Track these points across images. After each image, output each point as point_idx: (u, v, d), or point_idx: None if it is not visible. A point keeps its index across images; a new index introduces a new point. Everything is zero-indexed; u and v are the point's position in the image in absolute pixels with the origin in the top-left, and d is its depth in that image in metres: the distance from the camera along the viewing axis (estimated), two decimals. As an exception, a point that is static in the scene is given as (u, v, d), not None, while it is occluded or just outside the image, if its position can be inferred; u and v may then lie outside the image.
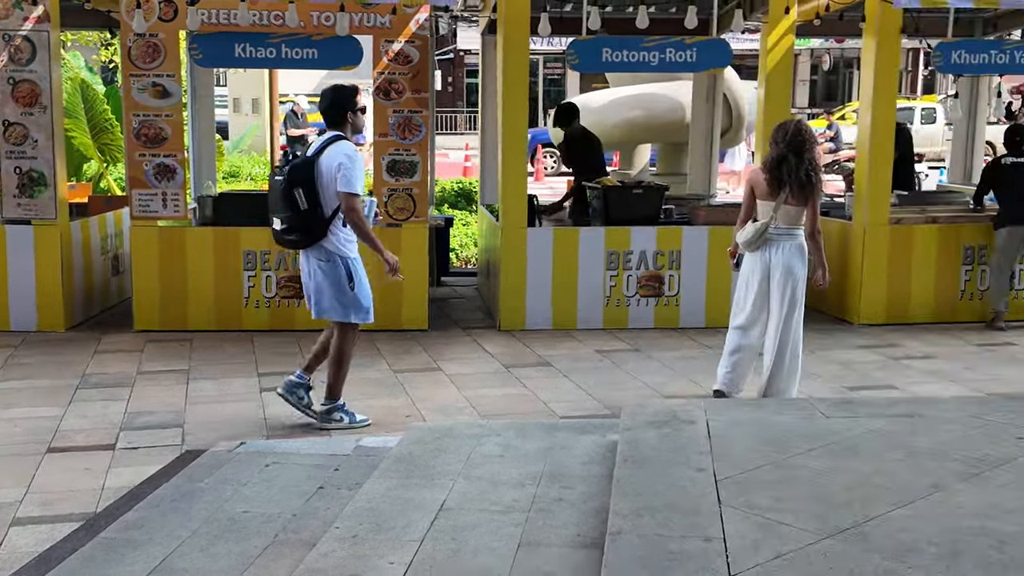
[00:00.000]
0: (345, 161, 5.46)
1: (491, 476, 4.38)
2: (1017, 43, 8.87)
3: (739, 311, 6.06)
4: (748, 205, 5.97)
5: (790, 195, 5.77)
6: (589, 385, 6.61)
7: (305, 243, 5.61)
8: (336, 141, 5.57)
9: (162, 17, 7.82)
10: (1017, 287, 8.61)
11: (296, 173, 5.48)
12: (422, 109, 8.05)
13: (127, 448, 5.40)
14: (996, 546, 3.23)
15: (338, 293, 5.64)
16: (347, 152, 5.50)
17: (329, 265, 5.63)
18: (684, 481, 3.85)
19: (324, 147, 5.55)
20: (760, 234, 5.84)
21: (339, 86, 5.78)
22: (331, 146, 5.54)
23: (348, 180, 5.45)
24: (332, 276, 5.63)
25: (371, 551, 3.61)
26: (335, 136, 5.61)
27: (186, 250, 8.06)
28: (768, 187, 5.82)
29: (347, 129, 5.68)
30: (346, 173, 5.45)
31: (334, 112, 5.66)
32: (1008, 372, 7.04)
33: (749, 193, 5.96)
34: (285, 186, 5.48)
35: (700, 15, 8.04)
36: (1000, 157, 8.57)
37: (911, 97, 33.37)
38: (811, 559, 3.15)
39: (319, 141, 5.63)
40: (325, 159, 5.51)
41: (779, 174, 5.76)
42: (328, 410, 5.80)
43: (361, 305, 5.70)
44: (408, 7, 7.79)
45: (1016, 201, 8.26)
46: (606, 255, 8.16)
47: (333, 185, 5.48)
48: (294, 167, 5.52)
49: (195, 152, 9.80)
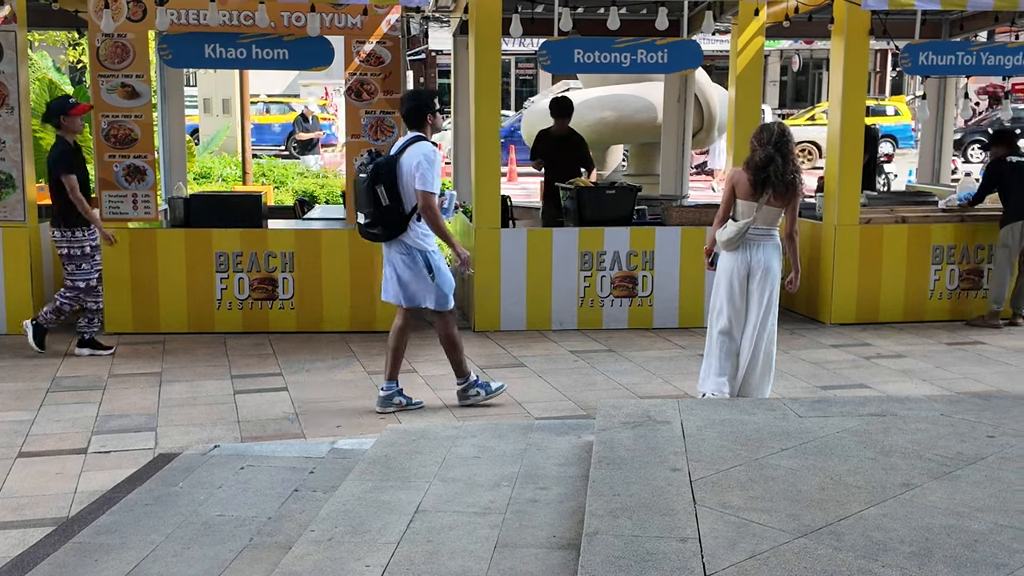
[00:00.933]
0: (423, 161, 5.80)
1: (467, 478, 4.38)
2: (983, 44, 8.96)
3: (719, 314, 6.02)
4: (728, 204, 5.98)
5: (772, 196, 5.82)
6: (564, 386, 6.62)
7: (386, 237, 5.96)
8: (416, 142, 5.91)
9: (131, 17, 7.76)
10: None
11: (379, 172, 5.82)
12: (394, 110, 8.03)
13: (99, 452, 5.36)
14: (968, 544, 3.27)
15: (419, 283, 6.00)
16: (426, 152, 5.83)
17: (408, 258, 5.97)
18: (659, 481, 3.87)
19: (405, 147, 5.90)
20: (742, 233, 5.86)
21: (419, 90, 6.29)
22: (411, 146, 5.88)
23: (425, 179, 5.80)
24: (413, 268, 5.98)
25: (347, 554, 3.60)
26: (416, 137, 5.95)
27: (157, 252, 8.00)
28: (751, 187, 5.84)
29: (427, 130, 6.00)
30: (424, 172, 5.79)
31: (415, 114, 5.98)
32: (978, 371, 7.12)
33: (730, 192, 5.95)
34: (368, 184, 5.82)
35: (671, 17, 8.09)
36: (1002, 157, 8.64)
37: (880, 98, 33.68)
38: (786, 558, 3.18)
39: (401, 141, 6.00)
40: (405, 159, 5.85)
41: (765, 175, 5.79)
42: (464, 388, 6.21)
43: (443, 293, 6.06)
44: (379, 8, 7.77)
45: (1020, 197, 8.34)
46: (580, 256, 8.19)
47: (412, 183, 5.82)
48: (377, 166, 5.85)
49: (165, 153, 9.73)
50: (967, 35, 10.27)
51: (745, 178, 5.88)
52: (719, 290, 6.04)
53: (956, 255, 8.67)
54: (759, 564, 3.13)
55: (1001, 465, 4.06)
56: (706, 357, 6.11)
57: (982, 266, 8.70)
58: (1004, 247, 8.35)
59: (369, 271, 8.08)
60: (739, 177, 5.93)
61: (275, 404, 6.25)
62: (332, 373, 7.00)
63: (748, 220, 5.87)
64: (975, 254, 8.71)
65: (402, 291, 6.05)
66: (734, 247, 5.92)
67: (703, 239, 8.23)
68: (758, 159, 5.82)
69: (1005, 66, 8.57)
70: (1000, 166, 8.57)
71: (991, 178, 8.68)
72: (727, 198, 5.98)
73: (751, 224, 5.86)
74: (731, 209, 5.97)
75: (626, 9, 9.24)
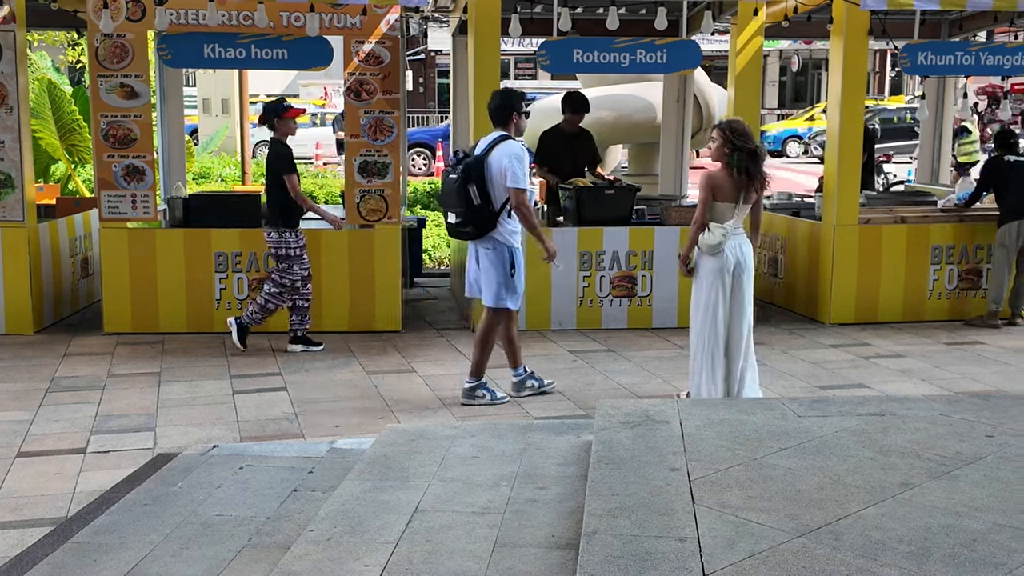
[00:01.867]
0: (513, 159, 5.94)
1: (466, 477, 4.38)
2: (982, 44, 8.97)
3: (711, 316, 5.90)
4: (706, 208, 5.85)
5: (748, 195, 5.82)
6: (563, 386, 6.62)
7: (477, 235, 6.09)
8: (503, 141, 6.04)
9: (130, 17, 7.76)
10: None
11: (469, 172, 5.96)
12: (393, 110, 8.04)
13: (98, 452, 5.36)
14: (967, 544, 3.27)
15: (501, 278, 6.10)
16: (515, 151, 5.98)
17: (495, 253, 6.09)
18: (658, 481, 3.87)
19: (492, 146, 6.03)
20: (728, 236, 5.83)
21: (507, 89, 6.43)
22: (499, 145, 6.01)
23: (516, 176, 5.94)
24: (497, 263, 6.09)
25: (346, 553, 3.60)
26: (501, 136, 6.07)
27: (156, 252, 8.00)
28: (733, 189, 5.79)
29: (511, 129, 6.12)
30: (515, 170, 5.93)
31: (502, 113, 6.13)
32: (977, 370, 7.12)
33: (710, 196, 5.83)
34: (460, 183, 5.96)
35: (670, 17, 8.09)
36: (999, 156, 8.63)
37: (879, 98, 33.70)
38: (784, 558, 3.18)
39: (487, 141, 6.11)
40: (494, 158, 5.99)
41: (748, 175, 5.77)
42: (472, 387, 6.26)
43: (516, 291, 6.19)
44: (378, 8, 7.77)
45: (1019, 197, 8.33)
46: (579, 256, 8.19)
47: (502, 181, 5.96)
48: (467, 166, 5.99)
49: (164, 153, 9.73)
50: (966, 35, 10.28)
51: (726, 181, 5.81)
52: (709, 293, 5.91)
53: (955, 255, 8.68)
54: (758, 564, 3.13)
55: (1000, 465, 4.06)
56: (697, 361, 5.97)
57: (981, 266, 8.71)
58: (1002, 247, 8.35)
59: (368, 271, 8.09)
60: (719, 180, 5.82)
61: (274, 404, 6.25)
62: (331, 373, 7.00)
63: (732, 221, 5.84)
64: (974, 254, 8.72)
65: (486, 287, 6.16)
66: (718, 250, 5.85)
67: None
68: (740, 160, 5.76)
69: (1004, 66, 8.57)
70: (997, 165, 8.57)
71: (988, 177, 8.68)
72: (707, 202, 5.84)
73: (734, 225, 5.85)
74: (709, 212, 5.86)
75: (625, 9, 9.23)
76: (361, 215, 8.06)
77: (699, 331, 5.96)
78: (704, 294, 5.93)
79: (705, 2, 9.08)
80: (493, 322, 6.23)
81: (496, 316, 6.21)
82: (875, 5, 7.67)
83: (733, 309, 5.93)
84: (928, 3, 7.87)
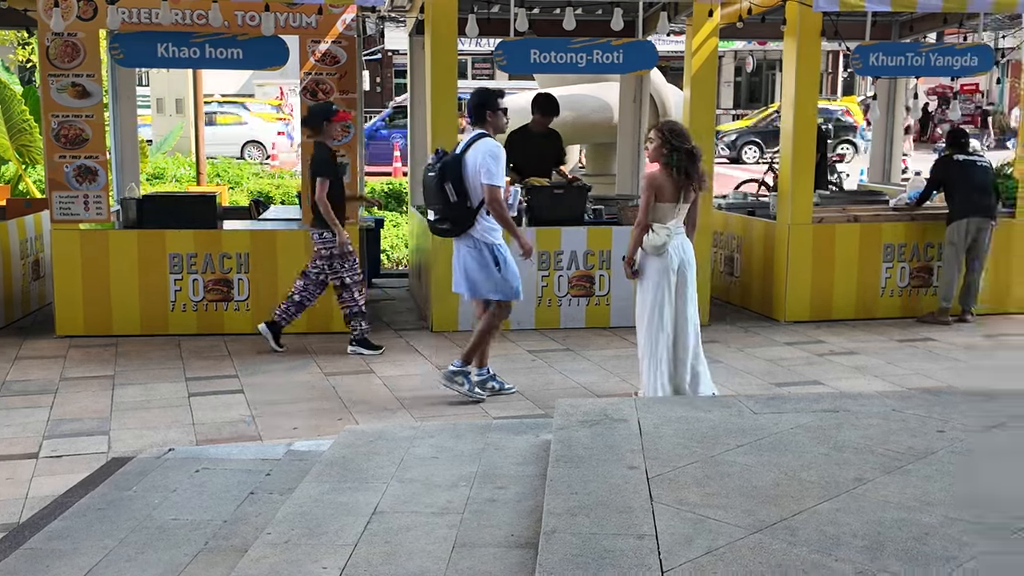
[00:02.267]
0: (488, 156, 6.03)
1: (425, 478, 4.37)
2: (933, 46, 9.12)
3: (658, 316, 5.95)
4: (648, 209, 5.91)
5: (688, 195, 5.92)
6: (522, 385, 6.63)
7: (455, 232, 6.18)
8: (480, 139, 6.13)
9: (81, 16, 7.66)
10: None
11: (445, 170, 6.06)
12: (350, 110, 8.00)
13: (51, 456, 5.28)
14: (919, 537, 3.33)
15: (487, 275, 6.18)
16: (490, 148, 6.07)
17: (476, 251, 6.17)
18: (617, 479, 3.89)
19: (469, 144, 6.12)
20: (671, 236, 5.90)
21: (485, 88, 6.53)
22: (476, 143, 6.11)
23: (491, 173, 6.02)
24: (479, 261, 6.17)
25: (304, 556, 3.58)
26: (479, 134, 6.16)
27: (109, 253, 7.90)
28: (673, 189, 5.87)
29: (489, 127, 6.20)
30: (489, 167, 6.01)
31: (478, 111, 6.20)
32: (928, 367, 7.23)
33: (652, 197, 5.89)
34: (437, 181, 6.07)
35: (626, 17, 8.13)
36: (950, 155, 8.75)
37: (832, 98, 34.10)
38: (741, 554, 3.21)
39: (465, 139, 6.21)
40: (471, 155, 6.09)
41: (688, 175, 5.85)
42: (454, 372, 6.32)
43: (510, 285, 6.24)
44: (334, 7, 7.73)
45: (968, 196, 8.45)
46: (537, 255, 8.20)
47: (478, 179, 6.04)
48: (444, 164, 6.09)
49: (117, 153, 9.60)
50: (916, 36, 10.43)
51: (667, 181, 5.86)
52: (656, 293, 5.95)
53: (907, 253, 8.81)
54: (715, 560, 3.16)
55: (951, 459, 4.13)
56: (647, 362, 6.01)
57: (931, 264, 8.85)
58: (951, 244, 8.48)
59: (325, 272, 8.03)
60: (660, 181, 5.88)
61: (231, 406, 6.20)
62: (289, 374, 6.95)
63: (674, 221, 5.92)
64: (924, 252, 8.86)
65: (468, 283, 6.25)
66: (664, 251, 5.90)
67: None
68: (679, 160, 5.83)
69: (953, 67, 8.71)
70: (947, 164, 8.69)
71: (938, 176, 8.80)
72: (649, 203, 5.89)
73: (676, 225, 5.94)
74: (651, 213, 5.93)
75: (582, 10, 9.26)
76: (318, 215, 8.00)
77: (647, 332, 6.00)
78: (651, 295, 5.97)
79: (661, 3, 9.14)
80: (497, 314, 6.32)
81: (499, 307, 6.31)
82: (827, 6, 7.76)
83: (679, 308, 5.99)
84: (879, 4, 7.97)
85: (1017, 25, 10.51)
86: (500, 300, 6.30)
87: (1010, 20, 10.46)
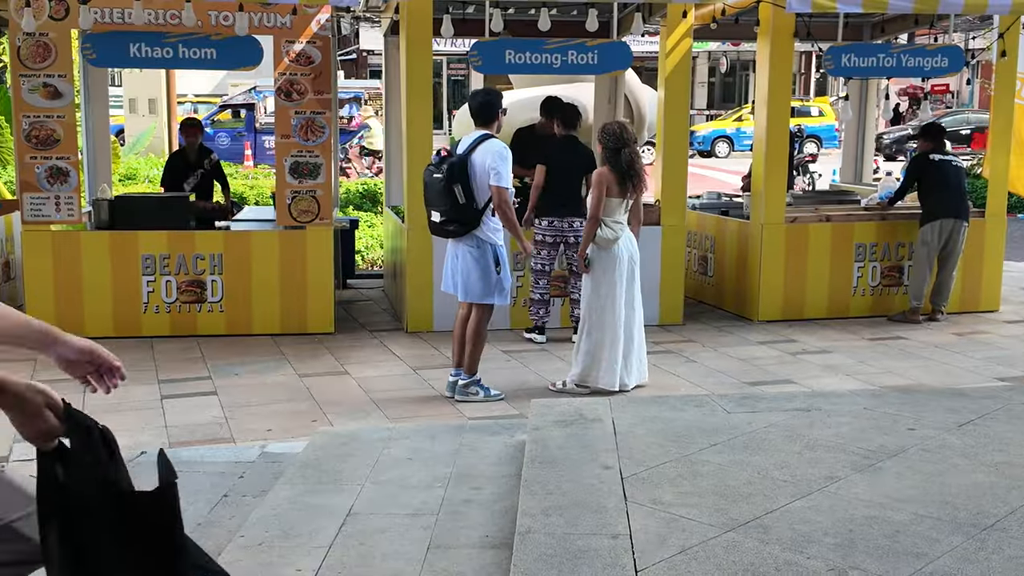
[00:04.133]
0: (497, 158, 6.03)
1: (399, 480, 4.37)
2: (904, 47, 9.19)
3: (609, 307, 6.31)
4: (601, 204, 6.28)
5: (631, 192, 6.32)
6: (497, 385, 6.63)
7: (461, 233, 6.13)
8: (486, 139, 6.11)
9: (53, 16, 7.59)
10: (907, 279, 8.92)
11: (454, 170, 6.00)
12: (325, 110, 7.98)
13: (21, 460, 5.23)
14: (890, 535, 3.36)
15: (485, 276, 6.15)
16: (498, 150, 6.06)
17: (479, 251, 6.14)
18: (591, 479, 3.90)
19: (475, 145, 6.09)
20: (621, 231, 6.32)
21: (489, 89, 6.49)
22: (482, 144, 6.08)
23: (500, 175, 6.04)
24: (482, 261, 6.14)
25: (278, 559, 3.57)
26: (484, 135, 6.14)
27: (81, 255, 7.84)
28: (620, 186, 6.27)
29: (495, 128, 6.20)
30: (499, 169, 6.02)
31: (487, 111, 6.20)
32: (899, 365, 7.29)
33: (603, 193, 6.27)
34: (445, 183, 6.01)
35: (601, 18, 8.14)
36: (925, 154, 8.79)
37: (804, 99, 34.32)
38: (714, 552, 3.23)
39: (470, 140, 6.16)
40: (477, 156, 6.06)
41: (633, 171, 6.26)
42: (466, 384, 6.30)
43: (504, 287, 6.26)
44: (309, 7, 7.70)
45: (943, 196, 8.49)
46: (512, 255, 8.19)
47: (485, 179, 6.03)
48: (452, 165, 6.02)
49: (89, 154, 9.53)
50: (888, 37, 10.50)
51: (614, 178, 6.28)
52: (608, 285, 6.33)
53: (878, 252, 8.88)
54: (688, 559, 3.18)
55: (921, 457, 4.18)
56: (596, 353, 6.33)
57: (903, 263, 8.92)
58: (924, 245, 8.54)
59: (300, 273, 8.02)
60: (609, 178, 6.29)
61: (204, 409, 6.16)
62: (263, 376, 6.92)
63: (622, 217, 6.35)
64: (896, 251, 8.93)
65: (464, 284, 6.20)
66: (615, 245, 6.31)
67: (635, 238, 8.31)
68: (625, 159, 6.26)
69: (924, 67, 8.77)
70: (922, 162, 8.74)
71: (912, 174, 8.85)
72: (601, 198, 6.28)
73: (624, 220, 6.35)
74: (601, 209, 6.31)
75: (557, 10, 9.27)
76: (293, 216, 7.98)
77: (598, 323, 6.34)
78: (603, 288, 6.34)
79: (635, 4, 9.16)
80: (482, 316, 6.28)
81: (483, 311, 6.27)
82: (800, 8, 7.80)
83: (627, 300, 6.37)
84: (851, 6, 8.02)
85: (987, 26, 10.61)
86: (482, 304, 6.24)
87: (980, 21, 10.57)
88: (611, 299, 6.30)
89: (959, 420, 4.72)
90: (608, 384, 6.30)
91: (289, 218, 7.99)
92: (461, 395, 6.30)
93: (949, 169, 8.60)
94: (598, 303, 6.34)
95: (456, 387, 6.33)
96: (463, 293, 6.24)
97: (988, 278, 9.12)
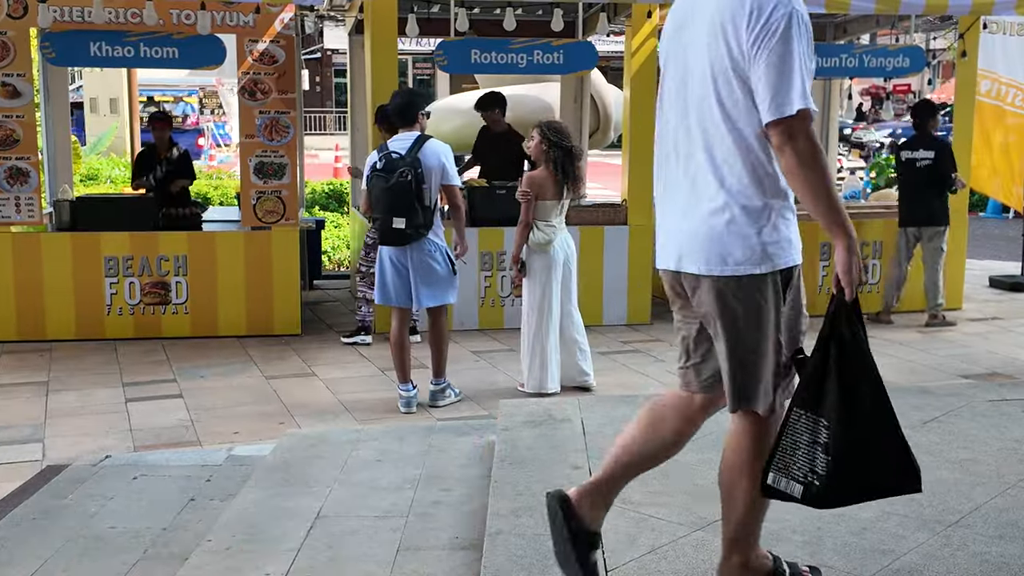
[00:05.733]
0: (445, 158, 5.92)
1: (368, 481, 4.35)
2: (866, 47, 9.28)
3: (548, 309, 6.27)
4: (531, 208, 6.20)
5: (568, 192, 6.25)
6: (466, 386, 6.61)
7: (420, 236, 5.86)
8: (427, 140, 5.94)
9: (11, 14, 7.49)
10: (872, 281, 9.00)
11: (417, 172, 5.77)
12: (289, 110, 7.93)
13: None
14: (856, 532, 3.38)
15: (449, 275, 6.01)
16: (445, 149, 5.97)
17: (437, 254, 5.97)
18: (561, 479, 3.89)
19: (419, 146, 5.86)
20: (556, 233, 6.25)
21: (411, 88, 6.43)
22: (427, 144, 5.90)
23: (453, 175, 5.97)
24: (441, 263, 5.98)
25: (246, 563, 3.53)
26: (423, 136, 5.96)
27: (42, 257, 7.73)
28: (555, 187, 6.18)
29: (418, 129, 6.02)
30: (451, 168, 5.93)
31: (409, 111, 6.00)
32: (864, 362, 7.34)
33: (534, 196, 6.18)
34: (413, 185, 5.74)
35: (566, 18, 8.17)
36: (900, 147, 8.76)
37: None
38: (684, 551, 3.24)
39: (407, 140, 5.90)
40: (427, 157, 5.84)
41: (571, 171, 6.17)
42: (443, 388, 6.22)
43: (455, 285, 6.11)
44: (272, 6, 7.65)
45: (908, 200, 8.50)
46: (480, 256, 8.19)
47: (437, 180, 5.89)
48: (412, 167, 5.76)
49: (49, 154, 9.40)
50: (850, 38, 10.61)
51: (547, 179, 6.17)
52: (545, 287, 6.26)
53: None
54: (658, 559, 3.19)
55: (887, 454, 4.20)
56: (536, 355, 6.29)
57: (866, 261, 8.99)
58: (896, 248, 8.58)
59: (266, 273, 7.96)
60: (541, 179, 6.18)
61: (169, 411, 6.10)
62: (228, 378, 6.86)
63: (559, 218, 6.28)
64: (860, 250, 8.98)
65: (429, 290, 5.97)
66: (550, 247, 6.23)
67: (601, 238, 8.34)
68: (560, 159, 6.12)
69: (887, 68, 8.87)
70: (897, 156, 8.70)
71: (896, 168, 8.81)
72: (531, 202, 6.19)
73: (559, 221, 6.29)
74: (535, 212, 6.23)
75: (522, 10, 9.28)
76: (257, 217, 7.93)
77: (537, 326, 6.31)
78: (540, 291, 6.29)
79: (600, 4, 9.19)
80: (441, 320, 6.16)
81: (441, 312, 6.14)
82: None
83: (564, 301, 6.35)
84: (813, 6, 8.09)
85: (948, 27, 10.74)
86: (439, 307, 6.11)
87: (941, 22, 10.67)
88: (546, 302, 6.26)
89: (923, 417, 4.76)
90: (536, 386, 6.30)
91: (254, 219, 7.93)
92: (432, 401, 6.20)
93: (913, 171, 8.48)
94: (532, 306, 6.30)
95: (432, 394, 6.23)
96: (429, 299, 5.99)
97: (951, 276, 9.20)
